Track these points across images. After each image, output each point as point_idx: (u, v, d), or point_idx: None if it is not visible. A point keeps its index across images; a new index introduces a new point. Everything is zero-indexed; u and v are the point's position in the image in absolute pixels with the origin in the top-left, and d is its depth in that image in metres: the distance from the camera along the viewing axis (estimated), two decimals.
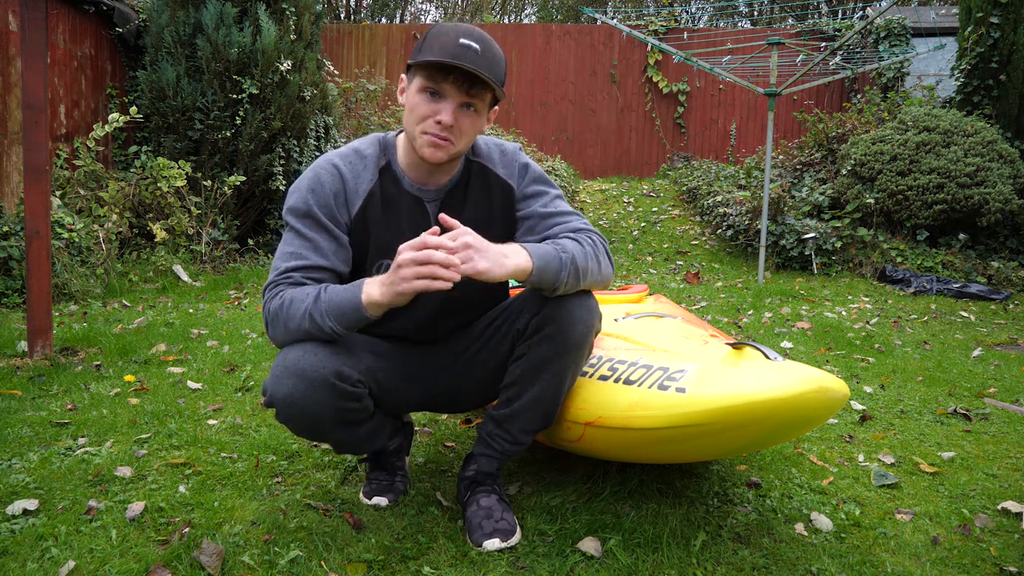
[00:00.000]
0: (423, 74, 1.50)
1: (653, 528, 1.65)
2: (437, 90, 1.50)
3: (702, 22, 16.40)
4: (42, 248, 3.00)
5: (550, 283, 1.49)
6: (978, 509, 1.82)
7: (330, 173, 1.59)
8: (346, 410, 1.54)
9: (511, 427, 1.65)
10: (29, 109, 2.96)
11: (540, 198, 1.68)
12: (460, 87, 1.49)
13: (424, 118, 1.51)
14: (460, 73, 1.47)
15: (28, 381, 2.73)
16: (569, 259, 1.49)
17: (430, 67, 1.48)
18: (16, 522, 1.63)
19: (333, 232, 1.58)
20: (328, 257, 1.57)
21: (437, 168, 1.61)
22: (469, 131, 1.54)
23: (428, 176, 1.63)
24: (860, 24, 8.20)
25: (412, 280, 1.38)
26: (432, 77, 1.49)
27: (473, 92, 1.50)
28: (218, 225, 5.67)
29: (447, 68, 1.47)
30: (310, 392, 1.46)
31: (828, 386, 1.32)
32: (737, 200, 6.84)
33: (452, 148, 1.53)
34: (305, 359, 1.46)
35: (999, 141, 6.22)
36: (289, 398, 1.46)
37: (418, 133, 1.53)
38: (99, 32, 6.21)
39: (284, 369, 1.46)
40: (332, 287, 1.49)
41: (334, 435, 1.60)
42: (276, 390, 1.47)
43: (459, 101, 1.50)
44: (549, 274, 1.47)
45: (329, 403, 1.49)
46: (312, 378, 1.45)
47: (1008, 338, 4.12)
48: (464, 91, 1.49)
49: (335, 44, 9.94)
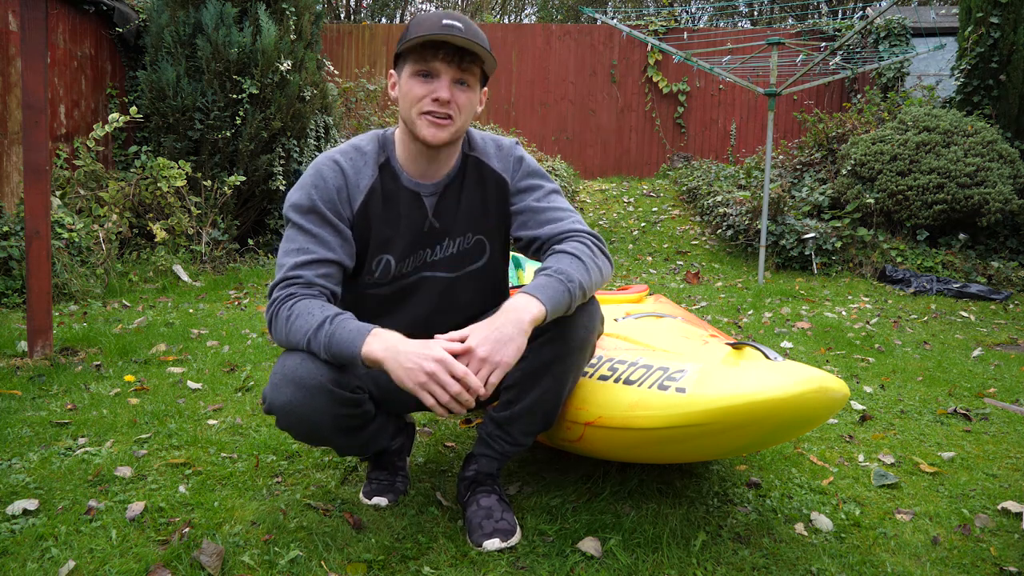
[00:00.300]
0: (413, 57, 1.52)
1: (653, 528, 1.65)
2: (429, 70, 1.51)
3: (702, 22, 16.40)
4: (42, 248, 3.00)
5: (563, 313, 1.50)
6: (978, 509, 1.82)
7: (332, 169, 1.60)
8: (345, 416, 1.54)
9: (511, 428, 1.65)
10: (29, 109, 2.96)
11: (534, 192, 1.68)
12: (451, 62, 1.50)
13: (420, 99, 1.52)
14: (449, 48, 1.49)
15: (28, 381, 2.73)
16: (576, 287, 1.49)
17: (420, 47, 1.50)
18: (16, 522, 1.63)
19: (338, 227, 1.58)
20: (335, 250, 1.57)
21: (436, 159, 1.61)
22: (466, 107, 1.55)
23: (426, 170, 1.63)
24: (860, 24, 8.20)
25: (425, 392, 1.37)
26: (423, 57, 1.51)
27: (464, 66, 1.52)
28: (218, 225, 5.67)
29: (436, 44, 1.49)
30: (308, 400, 1.45)
31: (828, 386, 1.32)
32: (737, 200, 6.84)
33: (452, 126, 1.54)
34: (303, 366, 1.45)
35: (999, 141, 6.22)
36: (288, 406, 1.46)
37: (416, 116, 1.53)
38: (99, 32, 6.21)
39: (283, 377, 1.46)
40: (339, 320, 1.45)
41: (335, 441, 1.61)
42: (275, 398, 1.46)
43: (452, 76, 1.52)
44: (561, 308, 1.48)
45: (328, 410, 1.49)
46: (310, 386, 1.45)
47: (1008, 338, 4.12)
48: (456, 65, 1.51)
49: (335, 44, 9.94)
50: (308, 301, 1.50)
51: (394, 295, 1.68)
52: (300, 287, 1.52)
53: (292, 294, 1.51)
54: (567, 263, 1.52)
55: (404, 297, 1.68)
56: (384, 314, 1.67)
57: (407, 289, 1.68)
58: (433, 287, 1.68)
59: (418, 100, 1.52)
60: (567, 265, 1.52)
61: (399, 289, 1.67)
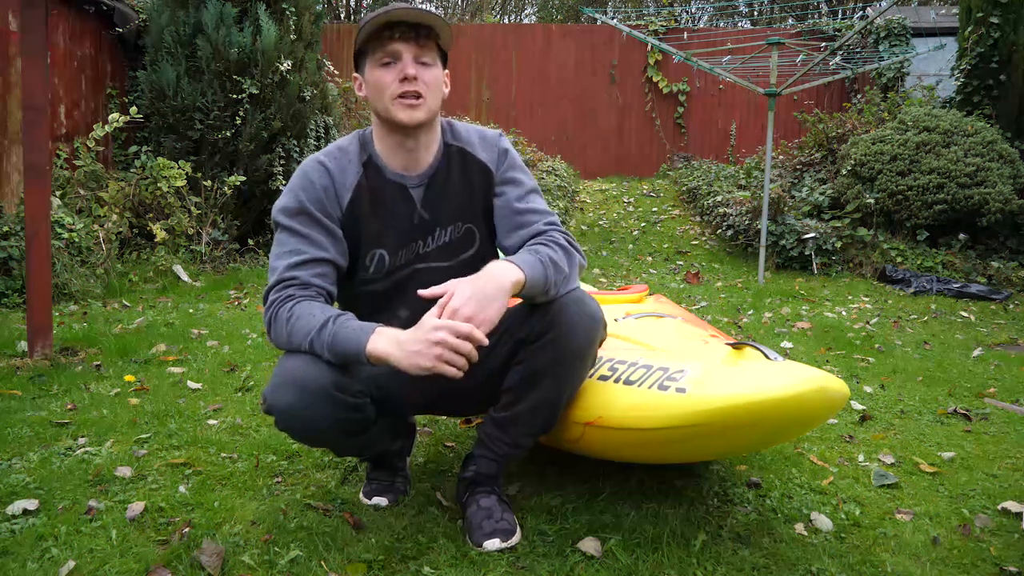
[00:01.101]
0: (372, 47, 1.56)
1: (653, 528, 1.65)
2: (389, 55, 1.55)
3: (702, 22, 16.41)
4: (42, 248, 3.00)
5: (540, 291, 1.51)
6: (978, 509, 1.82)
7: (318, 171, 1.61)
8: (347, 420, 1.53)
9: (511, 430, 1.65)
10: (29, 109, 2.96)
11: (516, 187, 1.70)
12: (408, 39, 1.54)
13: (389, 85, 1.55)
14: (404, 26, 1.53)
15: (28, 381, 2.73)
16: (548, 261, 1.52)
17: (376, 33, 1.53)
18: (16, 522, 1.63)
19: (328, 227, 1.59)
20: (328, 250, 1.58)
21: (415, 147, 1.63)
22: (433, 84, 1.58)
23: (408, 161, 1.65)
24: (860, 24, 8.20)
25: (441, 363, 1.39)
26: (381, 44, 1.54)
27: (421, 42, 1.55)
28: (218, 225, 5.67)
29: (392, 24, 1.52)
30: (310, 404, 1.45)
31: (828, 386, 1.32)
32: (737, 200, 6.84)
33: (425, 104, 1.57)
34: (305, 369, 1.45)
35: (999, 141, 6.22)
36: (289, 409, 1.46)
37: (388, 101, 1.56)
38: (99, 32, 6.20)
39: (284, 379, 1.46)
40: (341, 320, 1.46)
41: (335, 443, 1.61)
42: (275, 400, 1.46)
43: (412, 55, 1.55)
44: (538, 282, 1.49)
45: (329, 414, 1.49)
46: (312, 389, 1.45)
47: (1008, 338, 4.12)
48: (413, 42, 1.54)
49: (335, 44, 9.94)
50: (307, 302, 1.50)
51: (390, 290, 1.68)
52: (297, 288, 1.53)
53: (290, 295, 1.51)
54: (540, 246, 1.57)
55: (400, 291, 1.68)
56: (383, 310, 1.67)
57: (402, 283, 1.67)
58: (429, 278, 1.67)
59: (387, 86, 1.55)
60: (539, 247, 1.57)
61: (394, 284, 1.67)
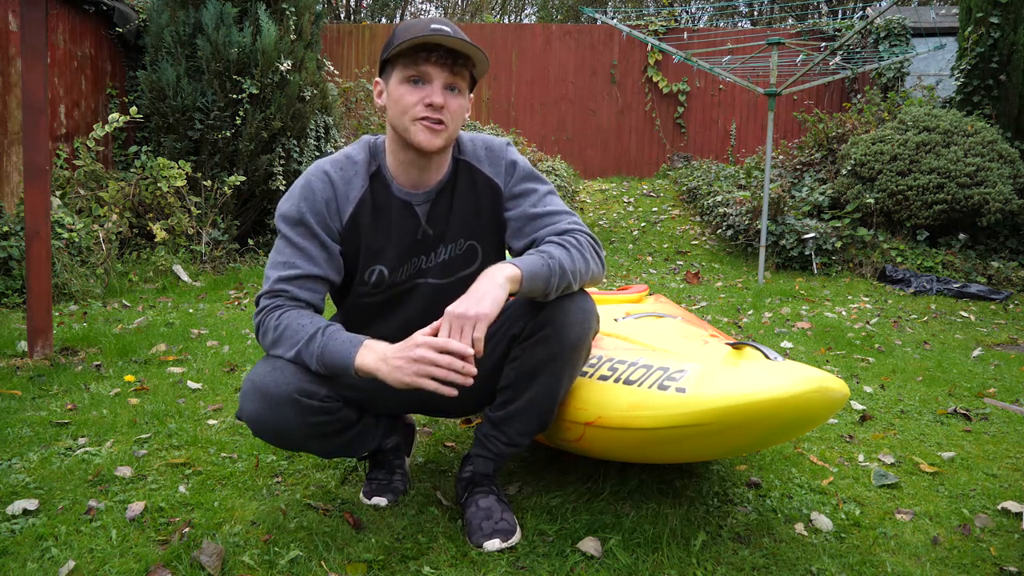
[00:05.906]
0: (403, 62, 1.50)
1: (653, 528, 1.65)
2: (420, 76, 1.50)
3: (702, 22, 16.40)
4: (42, 248, 3.00)
5: (541, 290, 1.49)
6: (978, 509, 1.82)
7: (321, 180, 1.59)
8: (317, 424, 1.53)
9: (507, 429, 1.65)
10: (29, 109, 2.96)
11: (529, 197, 1.66)
12: (443, 66, 1.49)
13: (413, 105, 1.51)
14: (442, 51, 1.48)
15: (28, 381, 2.73)
16: (556, 263, 1.49)
17: (411, 51, 1.49)
18: (16, 522, 1.63)
19: (325, 242, 1.58)
20: (320, 266, 1.57)
21: (428, 167, 1.60)
22: (458, 113, 1.54)
23: (418, 179, 1.62)
24: (860, 24, 8.20)
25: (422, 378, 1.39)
26: (414, 62, 1.49)
27: (456, 70, 1.51)
28: (218, 225, 5.67)
29: (428, 47, 1.47)
30: (274, 411, 1.47)
31: (828, 386, 1.32)
32: (737, 200, 6.84)
33: (445, 132, 1.53)
34: (271, 376, 1.46)
35: (999, 141, 6.22)
36: (255, 416, 1.48)
37: (409, 123, 1.52)
38: (99, 32, 6.21)
39: (251, 386, 1.48)
40: (331, 331, 1.47)
41: (312, 446, 1.60)
42: (243, 408, 1.49)
43: (444, 81, 1.50)
44: (539, 278, 1.47)
45: (295, 420, 1.49)
46: (275, 396, 1.46)
47: (1008, 338, 4.12)
48: (448, 69, 1.50)
49: (335, 44, 9.93)
50: (296, 312, 1.52)
51: (387, 302, 1.68)
52: (286, 299, 1.54)
53: (279, 305, 1.53)
54: (551, 247, 1.54)
55: (397, 303, 1.68)
56: (377, 319, 1.68)
57: (400, 295, 1.68)
58: (425, 293, 1.67)
59: (411, 107, 1.51)
60: (550, 247, 1.53)
61: (392, 296, 1.68)
